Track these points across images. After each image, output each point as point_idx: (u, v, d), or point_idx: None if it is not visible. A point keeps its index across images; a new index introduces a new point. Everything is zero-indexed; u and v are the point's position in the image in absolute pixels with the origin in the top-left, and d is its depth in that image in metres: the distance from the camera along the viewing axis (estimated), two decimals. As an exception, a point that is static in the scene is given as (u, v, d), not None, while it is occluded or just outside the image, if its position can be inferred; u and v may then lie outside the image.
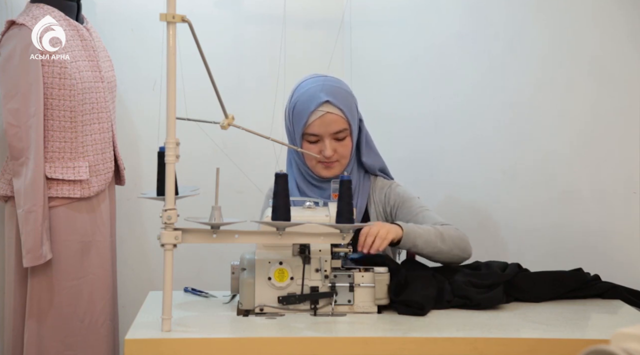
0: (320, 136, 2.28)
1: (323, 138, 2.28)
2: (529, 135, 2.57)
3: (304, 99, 2.28)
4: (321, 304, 2.00)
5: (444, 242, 2.19)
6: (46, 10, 2.60)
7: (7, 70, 2.55)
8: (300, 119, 2.27)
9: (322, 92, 2.27)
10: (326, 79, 2.32)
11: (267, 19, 3.08)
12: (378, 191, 2.37)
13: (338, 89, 2.31)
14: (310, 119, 2.26)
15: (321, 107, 2.26)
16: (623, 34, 2.24)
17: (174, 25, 1.80)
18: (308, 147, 2.28)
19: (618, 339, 1.03)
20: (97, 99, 2.68)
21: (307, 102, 2.27)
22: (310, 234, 1.92)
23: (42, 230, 2.54)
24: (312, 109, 2.26)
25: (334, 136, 2.28)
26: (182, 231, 1.85)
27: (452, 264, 2.24)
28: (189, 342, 1.82)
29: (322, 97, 2.26)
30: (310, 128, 2.27)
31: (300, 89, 2.31)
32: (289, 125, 2.33)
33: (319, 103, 2.26)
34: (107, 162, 2.73)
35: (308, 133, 2.28)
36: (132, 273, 3.08)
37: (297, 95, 2.30)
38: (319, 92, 2.27)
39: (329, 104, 2.27)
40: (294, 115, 2.29)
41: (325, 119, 2.27)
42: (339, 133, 2.28)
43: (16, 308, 2.66)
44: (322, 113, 2.26)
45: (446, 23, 2.86)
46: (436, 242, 2.18)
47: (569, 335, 1.86)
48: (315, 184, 2.35)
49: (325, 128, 2.27)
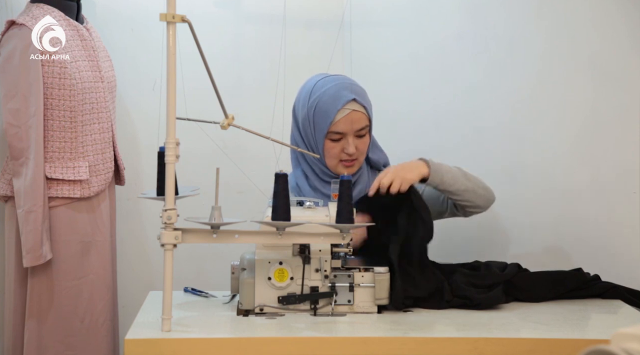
0: (343, 134, 2.29)
1: (346, 136, 2.29)
2: (529, 134, 2.57)
3: (328, 98, 2.29)
4: (321, 304, 2.00)
5: (469, 180, 2.23)
6: (46, 10, 2.60)
7: (7, 70, 2.55)
8: (325, 117, 2.28)
9: (346, 90, 2.29)
10: (344, 78, 2.36)
11: (267, 19, 3.08)
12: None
13: (359, 87, 2.34)
14: (336, 117, 2.27)
15: (348, 105, 2.28)
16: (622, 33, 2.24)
17: (173, 25, 1.80)
18: (330, 145, 2.30)
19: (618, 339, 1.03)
20: (97, 99, 2.68)
21: (333, 100, 2.28)
22: (310, 234, 1.92)
23: (42, 230, 2.54)
24: (339, 107, 2.27)
25: (357, 133, 2.31)
26: (182, 231, 1.85)
27: (477, 210, 2.26)
28: (189, 342, 1.82)
29: (349, 95, 2.28)
30: (336, 126, 2.28)
31: (319, 88, 2.31)
32: (308, 125, 2.32)
33: (346, 101, 2.28)
34: (107, 162, 2.73)
35: (332, 131, 2.29)
36: (132, 273, 3.08)
37: (318, 94, 2.30)
38: (343, 90, 2.29)
39: (355, 102, 2.29)
40: (317, 114, 2.29)
41: (351, 117, 2.28)
42: (361, 130, 2.31)
43: (16, 308, 2.66)
44: (349, 111, 2.28)
45: (446, 23, 2.86)
46: (462, 178, 2.21)
47: (569, 335, 1.86)
48: (329, 180, 2.35)
49: (351, 126, 2.29)
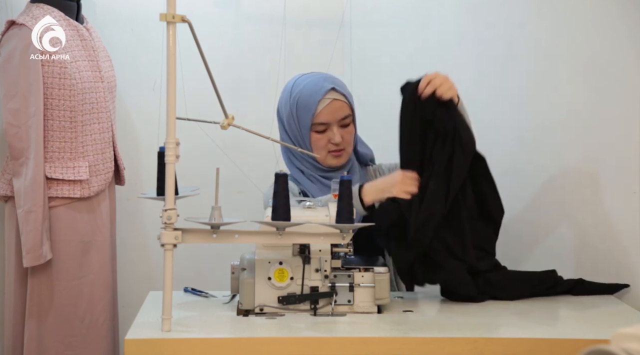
0: (328, 124, 2.32)
1: (331, 126, 2.33)
2: (528, 135, 2.57)
3: (308, 91, 2.32)
4: (321, 304, 2.00)
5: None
6: (46, 10, 2.60)
7: (7, 70, 2.55)
8: (307, 110, 2.31)
9: (325, 81, 2.34)
10: (321, 72, 2.40)
11: (267, 19, 3.08)
12: (373, 178, 2.42)
13: (337, 79, 2.39)
14: (318, 108, 2.30)
15: (327, 94, 2.32)
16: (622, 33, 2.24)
17: (173, 25, 1.80)
18: (317, 138, 2.33)
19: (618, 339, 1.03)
20: (97, 99, 2.68)
21: (312, 92, 2.31)
22: (310, 234, 1.92)
23: (42, 230, 2.54)
24: (320, 98, 2.31)
25: (341, 123, 2.33)
26: (182, 231, 1.85)
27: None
28: (189, 342, 1.82)
29: (327, 85, 2.32)
30: (319, 117, 2.31)
31: (298, 85, 2.35)
32: (293, 121, 2.34)
33: (325, 91, 2.31)
34: (107, 162, 2.73)
35: (316, 123, 2.32)
36: (132, 273, 3.08)
37: (298, 90, 2.34)
38: (322, 82, 2.33)
39: (334, 91, 2.33)
40: (299, 108, 2.32)
41: (332, 106, 2.32)
42: (345, 119, 2.34)
43: (16, 308, 2.66)
44: (329, 100, 2.32)
45: (446, 23, 2.86)
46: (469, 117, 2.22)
47: (569, 335, 1.86)
48: (323, 174, 2.37)
49: (333, 115, 2.32)
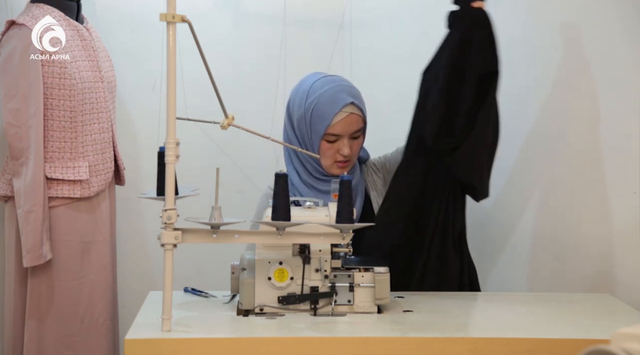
0: (339, 136, 2.31)
1: (342, 138, 2.32)
2: (528, 135, 2.57)
3: (326, 100, 2.30)
4: (321, 304, 2.00)
5: None
6: (46, 10, 2.60)
7: (7, 70, 2.55)
8: (322, 119, 2.30)
9: (344, 93, 2.32)
10: (341, 79, 2.38)
11: (267, 19, 3.08)
12: (368, 175, 2.44)
13: (355, 89, 2.37)
14: (334, 119, 2.29)
15: (345, 108, 2.30)
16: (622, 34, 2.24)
17: (173, 25, 1.79)
18: (326, 147, 2.32)
19: (618, 339, 1.03)
20: (97, 99, 2.68)
21: (331, 103, 2.30)
22: (310, 234, 1.92)
23: (42, 230, 2.54)
24: (337, 111, 2.29)
25: (352, 135, 2.33)
26: (182, 231, 1.85)
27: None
28: (189, 342, 1.82)
29: (347, 98, 2.31)
30: (333, 129, 2.30)
31: (316, 90, 2.32)
32: (305, 125, 2.33)
33: (344, 104, 2.30)
34: (107, 162, 2.73)
35: (329, 133, 2.31)
36: (132, 273, 3.08)
37: (316, 96, 2.31)
38: (341, 93, 2.31)
39: (352, 106, 2.32)
40: (314, 115, 2.31)
41: (348, 120, 2.31)
42: (357, 132, 2.34)
43: (16, 308, 2.66)
44: (347, 114, 2.31)
45: (446, 23, 2.85)
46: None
47: (569, 335, 1.86)
48: (322, 178, 2.37)
49: (347, 128, 2.31)
